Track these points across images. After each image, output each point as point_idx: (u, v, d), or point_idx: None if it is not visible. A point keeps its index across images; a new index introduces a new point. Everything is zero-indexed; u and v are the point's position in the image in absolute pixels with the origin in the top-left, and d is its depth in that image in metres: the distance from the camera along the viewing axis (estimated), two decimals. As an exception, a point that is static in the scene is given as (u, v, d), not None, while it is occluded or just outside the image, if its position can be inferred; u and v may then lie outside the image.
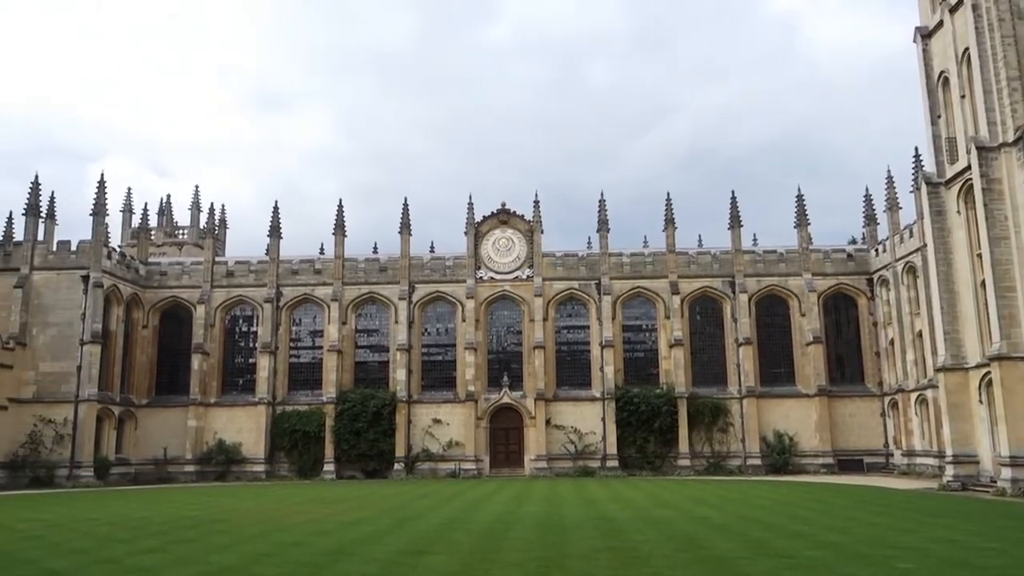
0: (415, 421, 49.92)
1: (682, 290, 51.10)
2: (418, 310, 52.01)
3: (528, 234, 52.68)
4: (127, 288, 50.28)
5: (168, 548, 16.49)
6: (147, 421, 50.44)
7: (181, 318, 52.53)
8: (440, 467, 48.83)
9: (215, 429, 50.19)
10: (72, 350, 45.91)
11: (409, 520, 21.70)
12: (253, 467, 49.19)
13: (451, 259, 53.03)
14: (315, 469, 48.95)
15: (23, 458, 44.02)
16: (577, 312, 52.43)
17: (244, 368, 52.33)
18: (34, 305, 46.66)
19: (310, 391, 51.51)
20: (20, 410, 44.65)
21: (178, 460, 49.20)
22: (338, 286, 52.02)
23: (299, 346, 52.86)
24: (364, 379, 51.79)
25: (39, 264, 47.23)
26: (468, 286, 51.69)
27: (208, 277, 52.49)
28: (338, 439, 49.06)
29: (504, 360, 51.78)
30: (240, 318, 53.07)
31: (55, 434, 44.73)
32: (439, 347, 52.44)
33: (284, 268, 52.83)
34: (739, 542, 16.31)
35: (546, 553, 15.04)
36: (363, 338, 52.94)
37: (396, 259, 52.80)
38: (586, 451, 48.99)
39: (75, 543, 17.52)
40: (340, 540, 17.35)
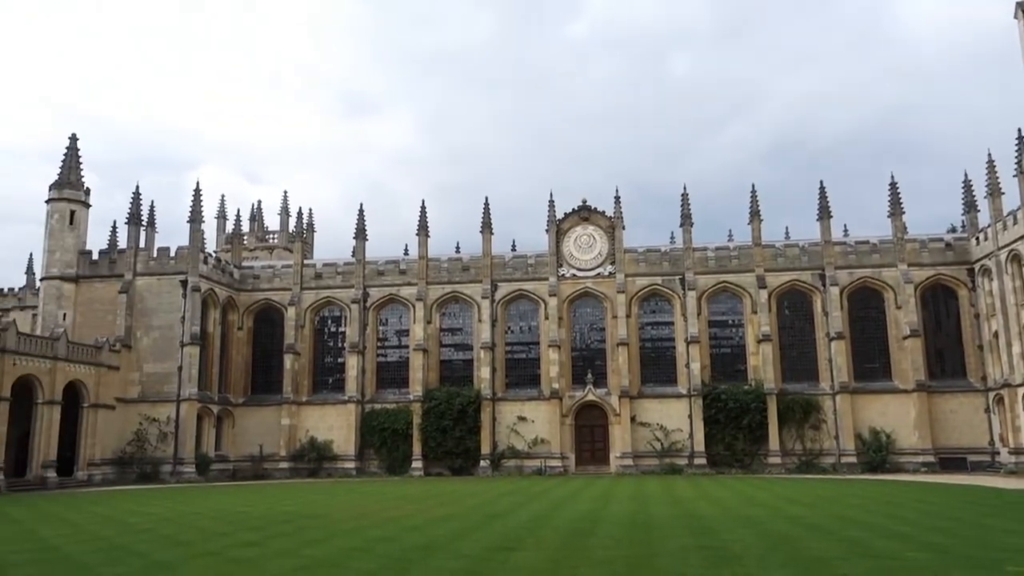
0: (500, 419, 50.26)
1: (769, 284, 49.89)
2: (501, 308, 52.32)
3: (609, 230, 52.33)
4: (223, 291, 52.27)
5: (265, 542, 17.06)
6: (243, 419, 52.35)
7: (273, 319, 54.28)
8: (526, 464, 49.03)
9: (307, 427, 51.67)
10: (173, 352, 48.04)
11: (496, 517, 21.86)
12: (344, 464, 50.43)
13: (533, 257, 53.15)
14: (403, 466, 49.85)
15: (130, 455, 46.34)
16: (661, 308, 51.81)
17: (333, 367, 53.70)
18: (138, 309, 49.01)
19: (397, 389, 52.48)
20: (127, 409, 47.00)
21: (273, 457, 50.87)
22: (422, 286, 52.81)
23: (386, 345, 53.92)
24: (449, 377, 52.45)
25: (141, 270, 49.56)
26: (550, 284, 51.71)
27: (298, 279, 54.06)
28: (425, 437, 49.83)
29: (588, 357, 51.61)
30: (329, 319, 54.48)
31: (159, 432, 46.92)
32: (522, 345, 52.65)
33: (370, 269, 53.96)
34: (835, 542, 15.83)
35: (634, 551, 14.93)
36: (447, 337, 53.61)
37: (478, 258, 53.25)
38: (672, 449, 48.38)
39: (180, 536, 18.32)
40: (430, 536, 17.62)
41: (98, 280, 49.60)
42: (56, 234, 49.51)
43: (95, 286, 49.54)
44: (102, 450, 45.24)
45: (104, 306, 49.03)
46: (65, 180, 49.94)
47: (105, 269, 49.83)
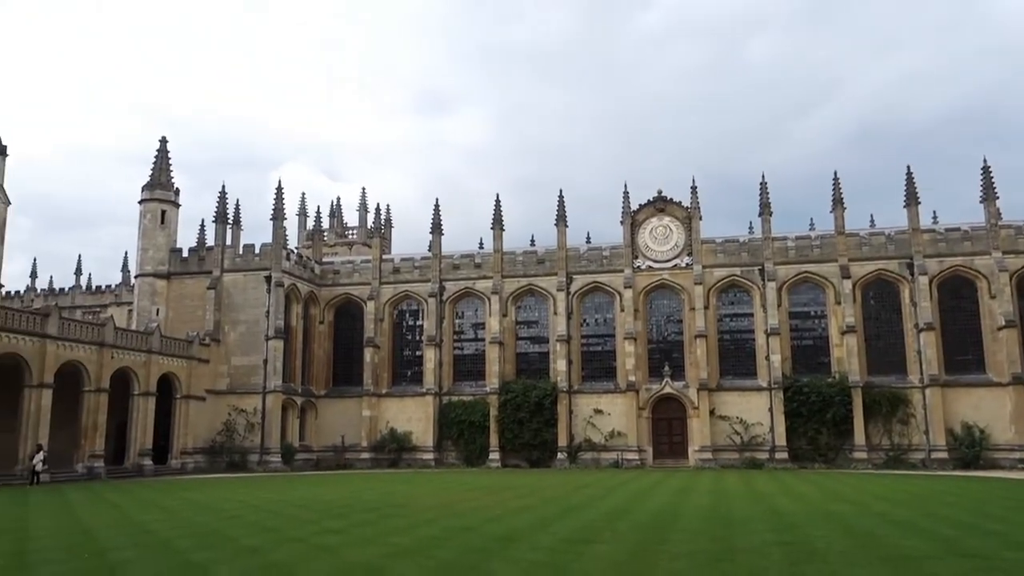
0: (576, 411, 50.24)
1: (853, 274, 48.39)
2: (576, 301, 52.25)
3: (686, 221, 51.62)
4: (304, 286, 53.71)
5: (349, 530, 17.52)
6: (326, 411, 53.76)
7: (353, 314, 55.51)
8: (602, 457, 48.91)
9: (387, 418, 52.71)
10: (259, 345, 49.65)
11: (574, 509, 21.91)
12: (423, 455, 51.26)
13: (608, 249, 52.87)
14: (481, 457, 50.36)
15: (220, 444, 48.14)
16: (740, 299, 50.88)
17: (412, 360, 54.59)
18: (225, 304, 50.80)
19: (474, 382, 53.02)
20: (216, 400, 48.83)
21: (354, 447, 52.09)
22: (497, 279, 53.14)
23: (462, 338, 54.51)
24: (525, 370, 52.70)
25: (228, 267, 51.34)
26: (626, 276, 51.34)
27: (376, 274, 55.10)
28: (502, 429, 50.21)
29: (664, 350, 51.09)
30: (407, 312, 55.39)
31: (247, 422, 48.61)
32: (598, 337, 52.46)
33: (446, 263, 54.59)
34: (925, 540, 15.32)
35: (714, 546, 14.77)
36: (523, 329, 53.85)
37: (553, 251, 53.27)
38: (753, 442, 47.52)
39: (267, 523, 18.98)
40: (509, 526, 17.80)
41: (188, 277, 51.61)
42: (148, 233, 51.70)
43: (185, 282, 51.57)
44: (194, 439, 47.14)
45: (194, 301, 51.02)
46: (156, 181, 52.08)
47: (194, 266, 51.80)
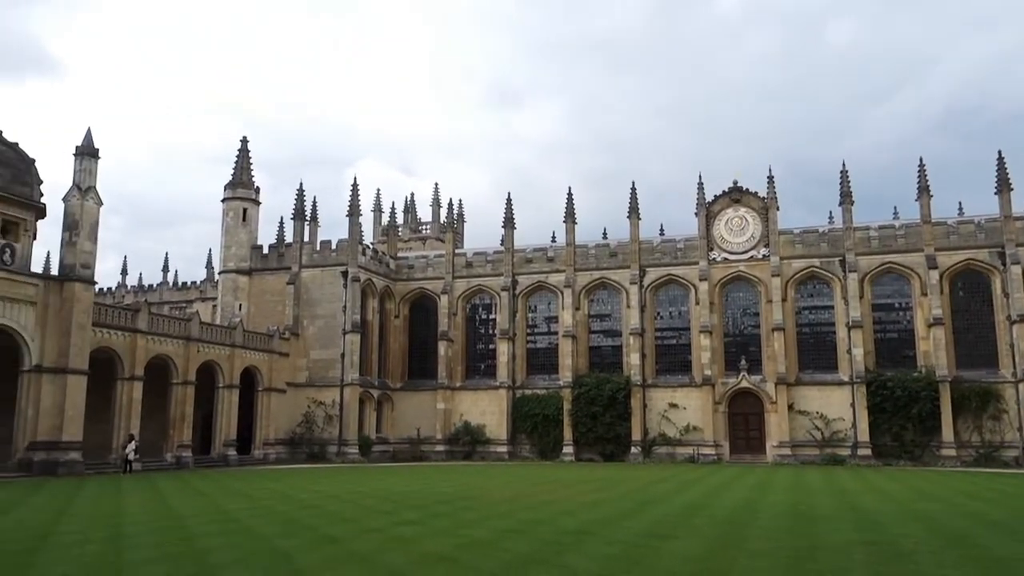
0: (650, 405, 49.77)
1: (940, 264, 46.50)
2: (650, 294, 51.69)
3: (762, 212, 50.47)
4: (380, 281, 54.63)
5: (425, 521, 17.76)
6: (401, 403, 54.60)
7: (427, 308, 56.19)
8: (678, 452, 48.34)
9: (461, 411, 53.21)
10: (336, 339, 50.73)
11: (649, 504, 21.72)
12: (497, 448, 51.57)
13: (682, 241, 52.14)
14: (554, 451, 50.38)
15: (300, 436, 49.42)
16: (819, 291, 49.52)
17: (485, 354, 54.95)
18: (304, 299, 52.06)
19: (547, 375, 53.04)
20: (296, 393, 50.14)
21: (429, 440, 52.77)
22: (570, 273, 52.98)
23: (535, 332, 54.59)
24: (598, 363, 52.44)
25: (306, 262, 52.59)
26: (700, 268, 50.54)
27: (449, 269, 55.62)
28: (575, 422, 50.10)
29: (741, 343, 50.13)
30: (480, 306, 55.76)
31: (325, 415, 49.75)
32: (672, 331, 51.83)
33: (518, 257, 54.71)
34: (1021, 542, 14.64)
35: (796, 543, 14.43)
36: (596, 323, 53.58)
37: (626, 243, 52.81)
38: (834, 438, 46.23)
39: (346, 513, 19.39)
40: (583, 520, 17.75)
41: (268, 272, 53.08)
42: (231, 231, 53.33)
43: (266, 278, 53.06)
44: (275, 431, 48.51)
45: (274, 296, 52.46)
46: (238, 180, 53.67)
47: (274, 262, 53.23)
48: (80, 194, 35.85)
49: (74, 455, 34.13)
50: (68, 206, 35.92)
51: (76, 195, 35.85)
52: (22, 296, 33.28)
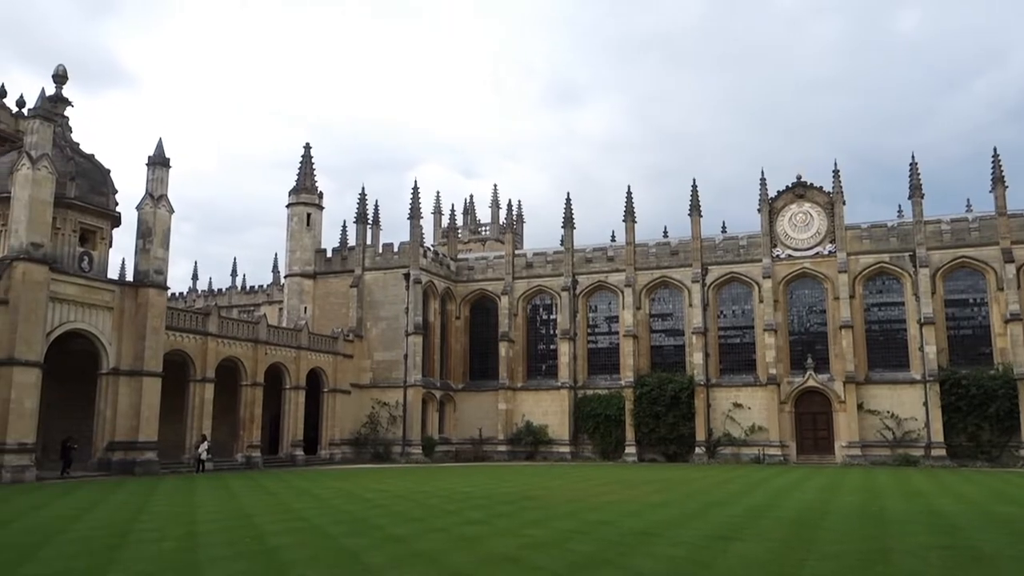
0: (714, 405, 49.11)
1: (1017, 258, 44.77)
2: (712, 292, 51.01)
3: (828, 207, 49.32)
4: (441, 283, 55.15)
5: (489, 521, 17.88)
6: (463, 404, 55.01)
7: (488, 309, 56.48)
8: (743, 452, 47.59)
9: (523, 411, 53.33)
10: (399, 340, 51.40)
11: (714, 505, 21.45)
12: (559, 448, 51.54)
13: (744, 238, 51.32)
14: (617, 451, 50.12)
15: (365, 436, 50.23)
16: (889, 287, 48.16)
17: (546, 354, 54.98)
18: (367, 302, 52.89)
19: (608, 375, 52.79)
20: (360, 394, 50.97)
21: (492, 440, 53.04)
22: (630, 272, 52.62)
23: (596, 332, 54.39)
24: (660, 363, 51.99)
25: (368, 265, 53.42)
26: (764, 265, 49.66)
27: (509, 270, 55.80)
28: (638, 422, 49.75)
29: (807, 341, 49.08)
30: (540, 306, 55.82)
31: (389, 415, 50.46)
32: (736, 329, 51.06)
33: (578, 257, 54.57)
34: (1108, 547, 14.02)
35: (866, 546, 14.09)
36: (657, 322, 53.12)
37: (687, 242, 52.23)
38: (906, 438, 44.92)
39: (412, 512, 19.64)
40: (647, 521, 17.65)
41: (332, 276, 54.08)
42: (296, 235, 54.50)
43: (330, 281, 54.06)
44: (340, 431, 49.39)
45: (338, 299, 53.42)
46: (301, 186, 54.81)
47: (338, 265, 54.21)
48: (153, 202, 37.10)
49: (150, 455, 35.33)
50: (141, 214, 37.21)
51: (149, 203, 37.12)
52: (100, 302, 34.60)
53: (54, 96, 35.31)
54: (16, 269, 30.64)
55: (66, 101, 36.13)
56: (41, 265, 31.28)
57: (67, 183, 33.68)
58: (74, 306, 33.44)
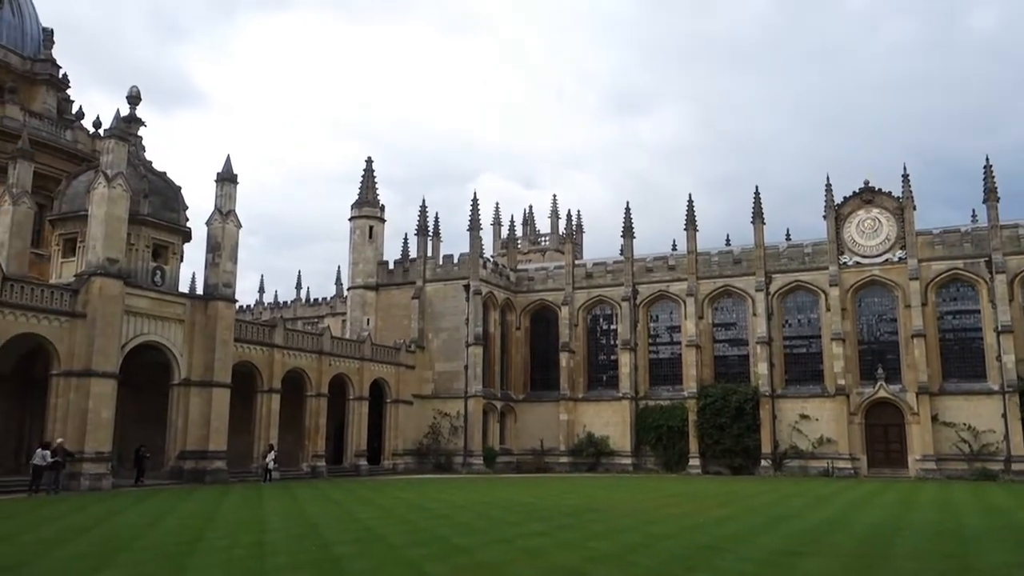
0: (780, 416, 48.05)
1: (1103, 262, 42.76)
2: (776, 301, 50.01)
3: (897, 212, 47.94)
4: (501, 294, 55.33)
5: (551, 533, 17.79)
6: (524, 415, 55.00)
7: (548, 319, 56.41)
8: (810, 465, 46.41)
9: (584, 422, 53.02)
10: (460, 351, 51.70)
11: (782, 519, 20.97)
12: (621, 460, 51.06)
13: (809, 246, 50.23)
14: (680, 463, 49.41)
15: (427, 446, 50.59)
16: (963, 295, 46.51)
17: (607, 364, 54.61)
18: (428, 313, 53.38)
19: (670, 386, 52.15)
20: (422, 405, 51.39)
21: (553, 451, 52.84)
22: (692, 281, 51.96)
23: (657, 342, 53.82)
24: (724, 373, 51.15)
25: (429, 277, 53.93)
26: (830, 273, 48.48)
27: (569, 280, 55.64)
28: (701, 434, 48.99)
29: (877, 351, 47.69)
30: (600, 317, 55.50)
31: (450, 426, 50.74)
32: (802, 339, 49.94)
33: (639, 266, 54.14)
34: None
35: (944, 565, 13.58)
36: (720, 332, 52.30)
37: (750, 250, 51.37)
38: (984, 451, 43.22)
39: (474, 524, 19.68)
40: (712, 535, 17.34)
41: (394, 287, 54.75)
42: (358, 248, 55.36)
43: (392, 293, 54.73)
44: (403, 442, 49.84)
45: (399, 311, 54.03)
46: (363, 199, 55.68)
47: (399, 277, 54.87)
48: (221, 217, 38.15)
49: (219, 464, 36.20)
50: (211, 229, 38.29)
51: (218, 219, 38.18)
52: (171, 315, 35.68)
53: (128, 117, 36.62)
54: (93, 284, 31.82)
55: (139, 121, 37.43)
56: (117, 280, 32.41)
57: (141, 200, 34.87)
58: (147, 319, 34.54)
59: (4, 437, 33.29)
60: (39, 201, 38.69)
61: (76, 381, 31.08)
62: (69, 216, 34.94)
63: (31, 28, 47.82)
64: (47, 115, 45.09)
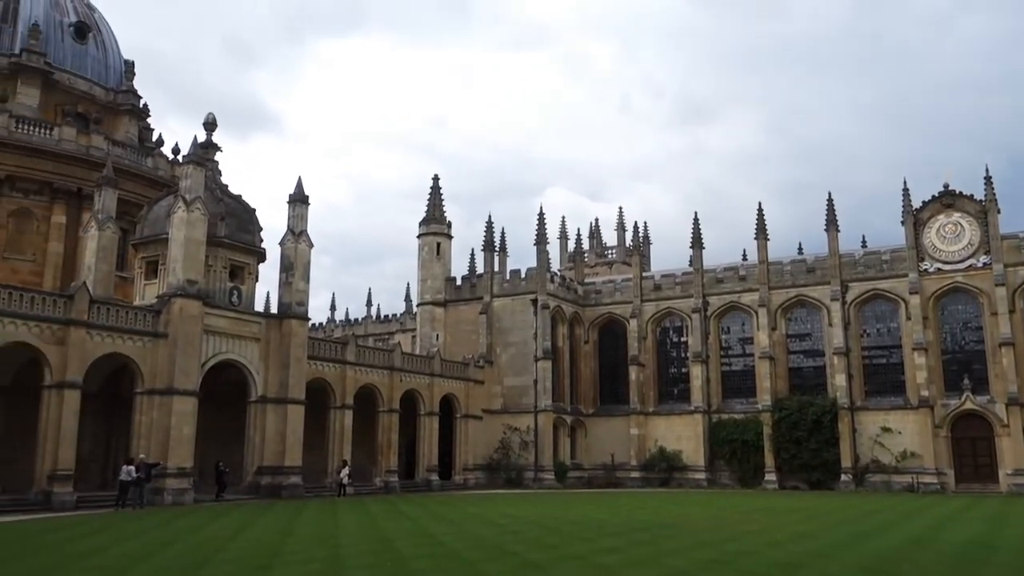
0: (860, 429, 46.51)
1: None
2: (853, 310, 48.54)
3: (980, 216, 46.09)
4: (569, 307, 55.16)
5: (625, 549, 17.55)
6: (594, 429, 54.57)
7: (616, 332, 55.93)
8: (894, 480, 44.76)
9: (655, 437, 52.29)
10: (528, 366, 51.69)
11: (866, 536, 20.23)
12: (694, 474, 50.15)
13: (887, 252, 48.67)
14: (756, 478, 48.24)
15: (497, 461, 50.62)
16: (1055, 300, 44.32)
17: (677, 378, 53.80)
18: (496, 328, 53.55)
19: (744, 399, 51.06)
20: (492, 419, 51.49)
21: (624, 466, 52.23)
22: (764, 291, 50.87)
23: (729, 354, 52.80)
24: (800, 385, 49.85)
25: (497, 292, 54.13)
26: (910, 280, 46.85)
27: (637, 292, 55.10)
28: (777, 448, 47.78)
29: (962, 360, 45.79)
30: (670, 329, 54.77)
31: (520, 441, 50.68)
32: (881, 349, 48.34)
33: (708, 277, 53.30)
34: None
35: (1043, 585, 12.89)
36: (795, 343, 51.03)
37: (824, 258, 50.07)
38: (1083, 465, 40.96)
39: (546, 539, 19.55)
40: (791, 552, 16.84)
41: (462, 303, 55.12)
42: (426, 265, 55.99)
43: (460, 308, 55.11)
44: (473, 456, 49.98)
45: (467, 326, 54.35)
46: (431, 216, 56.33)
47: (467, 293, 55.24)
48: (293, 238, 39.08)
49: (295, 479, 36.91)
50: (283, 249, 39.26)
51: (290, 239, 39.12)
52: (248, 333, 36.64)
53: (205, 142, 37.93)
54: (174, 305, 32.94)
55: (215, 147, 38.72)
56: (196, 300, 33.48)
57: (217, 223, 36.01)
58: (225, 338, 35.54)
59: (92, 454, 34.57)
60: (123, 226, 40.33)
61: (159, 399, 32.17)
62: (151, 240, 36.30)
63: (114, 61, 50.12)
64: (129, 143, 47.15)
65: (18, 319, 28.60)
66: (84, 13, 49.22)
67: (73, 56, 47.25)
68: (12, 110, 41.89)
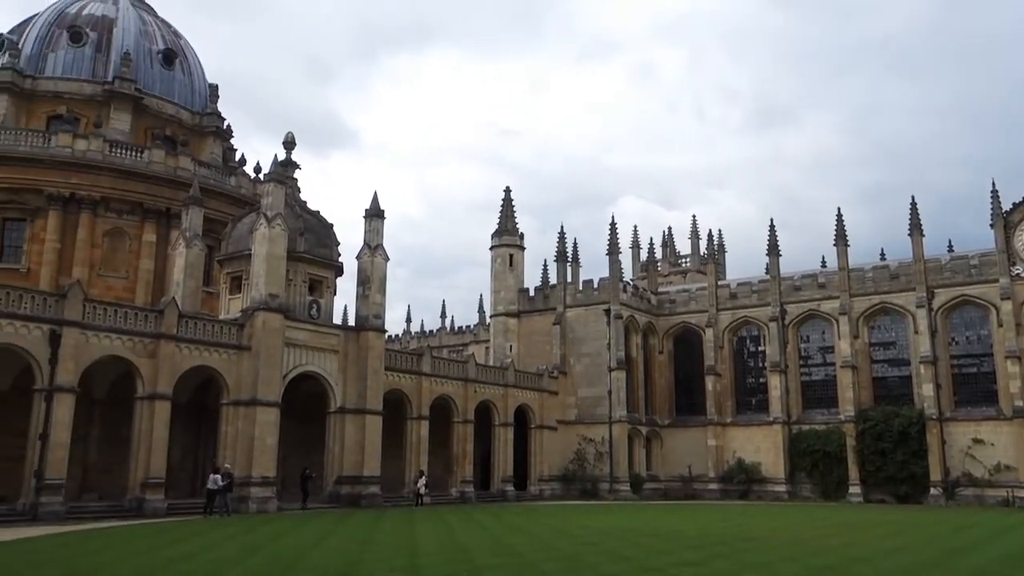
0: (950, 441, 44.71)
1: None
2: (940, 317, 46.77)
3: (1077, 216, 43.89)
4: (642, 317, 54.72)
5: (704, 563, 17.31)
6: (670, 440, 53.90)
7: (691, 342, 55.19)
8: (987, 494, 42.86)
9: (733, 448, 51.31)
10: (602, 376, 51.44)
11: (958, 552, 19.47)
12: (774, 487, 48.99)
13: (976, 257, 46.77)
14: (839, 491, 46.83)
15: (572, 472, 50.45)
16: None
17: (755, 387, 52.72)
18: (569, 339, 53.50)
19: (825, 409, 49.70)
20: (566, 430, 51.39)
21: (701, 478, 51.40)
22: (844, 298, 49.47)
23: (809, 363, 51.50)
24: (884, 395, 48.25)
25: (570, 302, 54.09)
26: (1001, 286, 44.90)
27: (713, 301, 54.28)
28: (861, 460, 46.29)
29: (1060, 369, 43.55)
30: (747, 338, 53.75)
31: (595, 451, 50.42)
32: (972, 357, 46.41)
33: (786, 285, 52.15)
34: None
35: None
36: (878, 352, 49.43)
37: (908, 263, 48.42)
38: None
39: (623, 551, 19.44)
40: (879, 569, 16.34)
41: (535, 314, 55.27)
42: (499, 276, 56.39)
43: (533, 319, 55.28)
44: (548, 467, 49.96)
45: (541, 337, 54.45)
46: (503, 228, 56.74)
47: (540, 304, 55.37)
48: (370, 252, 39.93)
49: (374, 488, 37.57)
50: (360, 263, 40.14)
51: (367, 253, 39.98)
52: (327, 346, 37.55)
53: (284, 161, 39.14)
54: (257, 318, 34.03)
55: (295, 164, 39.90)
56: (277, 314, 34.53)
57: (297, 238, 37.08)
58: (305, 350, 36.50)
59: (181, 463, 35.93)
60: (208, 243, 41.88)
61: (243, 410, 33.25)
62: (234, 256, 37.61)
63: (199, 85, 52.21)
64: (214, 163, 49.00)
65: (113, 333, 30.04)
66: (171, 41, 51.47)
67: (161, 82, 49.40)
68: (106, 135, 44.01)
